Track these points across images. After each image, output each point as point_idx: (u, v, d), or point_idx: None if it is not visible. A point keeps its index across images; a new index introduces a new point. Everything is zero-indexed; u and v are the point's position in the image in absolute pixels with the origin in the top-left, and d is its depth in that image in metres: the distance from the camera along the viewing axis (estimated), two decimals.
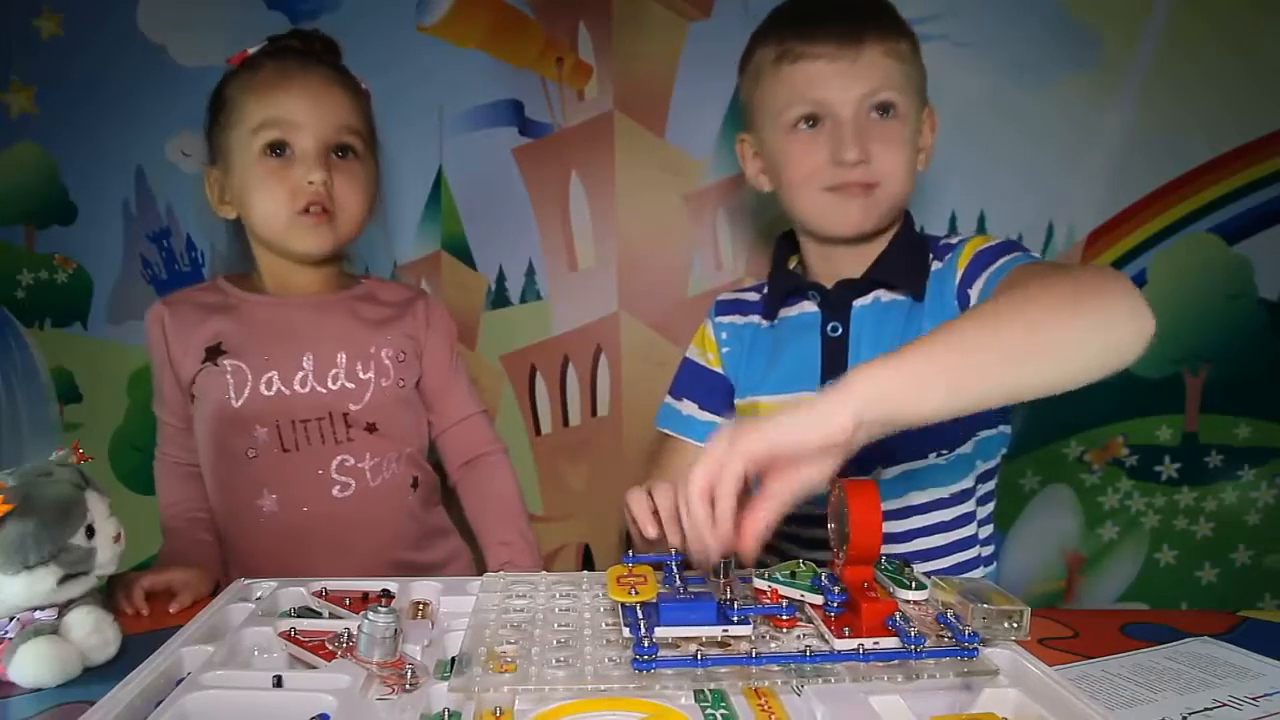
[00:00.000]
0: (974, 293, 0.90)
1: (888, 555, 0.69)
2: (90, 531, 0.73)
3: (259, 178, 1.00)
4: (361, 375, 1.04)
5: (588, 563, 1.51)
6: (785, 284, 1.05)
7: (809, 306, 1.03)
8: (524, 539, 1.11)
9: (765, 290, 1.09)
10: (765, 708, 0.58)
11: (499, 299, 1.45)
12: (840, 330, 0.99)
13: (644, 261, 1.44)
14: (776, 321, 1.05)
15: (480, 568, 1.15)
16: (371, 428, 1.03)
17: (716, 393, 1.10)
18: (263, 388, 1.00)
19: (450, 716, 0.56)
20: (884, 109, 0.95)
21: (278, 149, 0.99)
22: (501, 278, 1.46)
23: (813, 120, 0.96)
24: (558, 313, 1.46)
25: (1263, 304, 1.42)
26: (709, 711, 0.58)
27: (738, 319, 1.10)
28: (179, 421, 1.09)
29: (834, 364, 0.98)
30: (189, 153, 1.44)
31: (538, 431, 1.48)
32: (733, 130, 1.41)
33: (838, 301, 1.00)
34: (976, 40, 1.37)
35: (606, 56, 1.41)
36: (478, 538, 1.14)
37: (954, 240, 0.99)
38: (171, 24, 1.41)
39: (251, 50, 1.05)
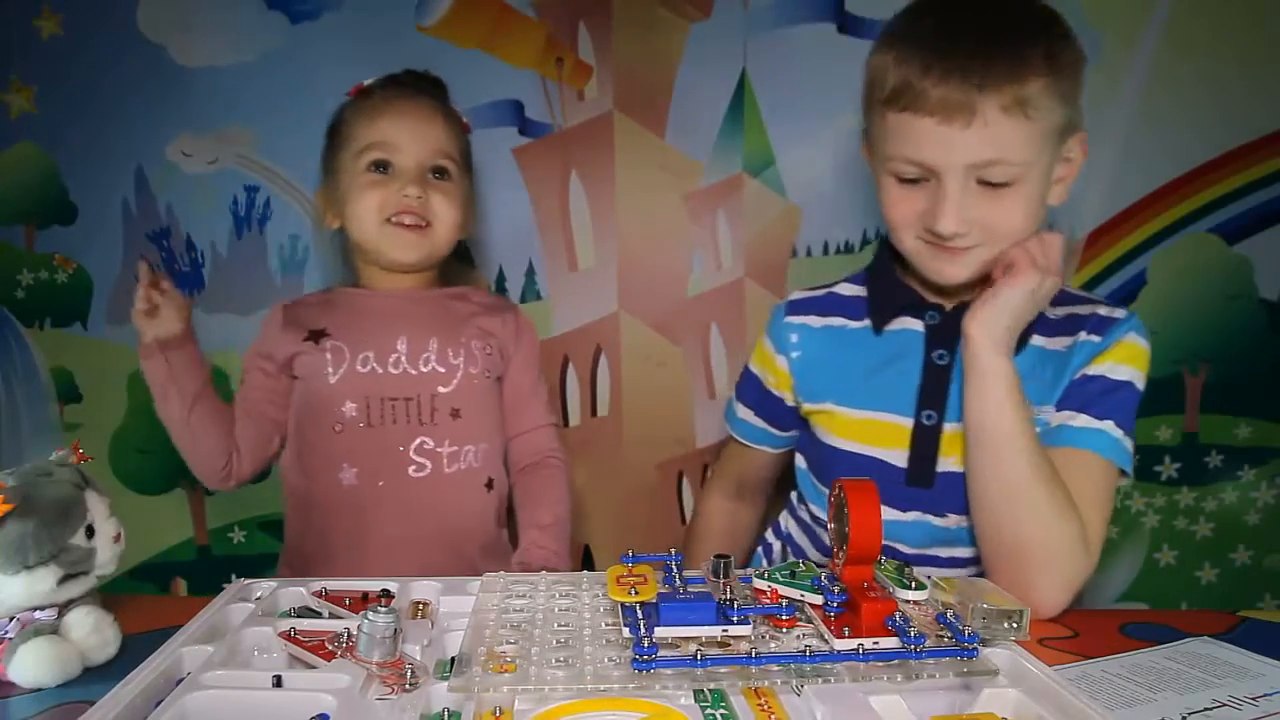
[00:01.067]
0: (1056, 413, 0.91)
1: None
2: (90, 531, 0.73)
3: (361, 189, 1.08)
4: (452, 360, 1.09)
5: (588, 563, 1.51)
6: (899, 298, 0.98)
7: (914, 324, 0.97)
8: (559, 530, 1.12)
9: (864, 290, 1.02)
10: (765, 708, 0.58)
11: None
12: (947, 359, 0.93)
13: (644, 261, 1.44)
14: (882, 332, 0.99)
15: None
16: (456, 414, 1.08)
17: (777, 414, 1.09)
18: (358, 365, 1.07)
19: (450, 716, 0.56)
20: (996, 180, 0.85)
21: (381, 167, 1.08)
22: (501, 278, 1.46)
23: (918, 175, 0.88)
24: (558, 313, 1.46)
25: (1263, 304, 1.42)
26: (709, 711, 0.58)
27: (815, 320, 1.04)
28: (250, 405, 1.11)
29: (935, 392, 0.94)
30: (190, 152, 1.44)
31: None
32: (733, 130, 1.41)
33: (951, 329, 0.92)
34: None
35: (606, 56, 1.41)
36: (519, 529, 1.14)
37: (1111, 314, 0.93)
38: (172, 24, 1.41)
39: (367, 83, 1.14)
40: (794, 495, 1.13)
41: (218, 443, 1.06)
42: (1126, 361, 0.91)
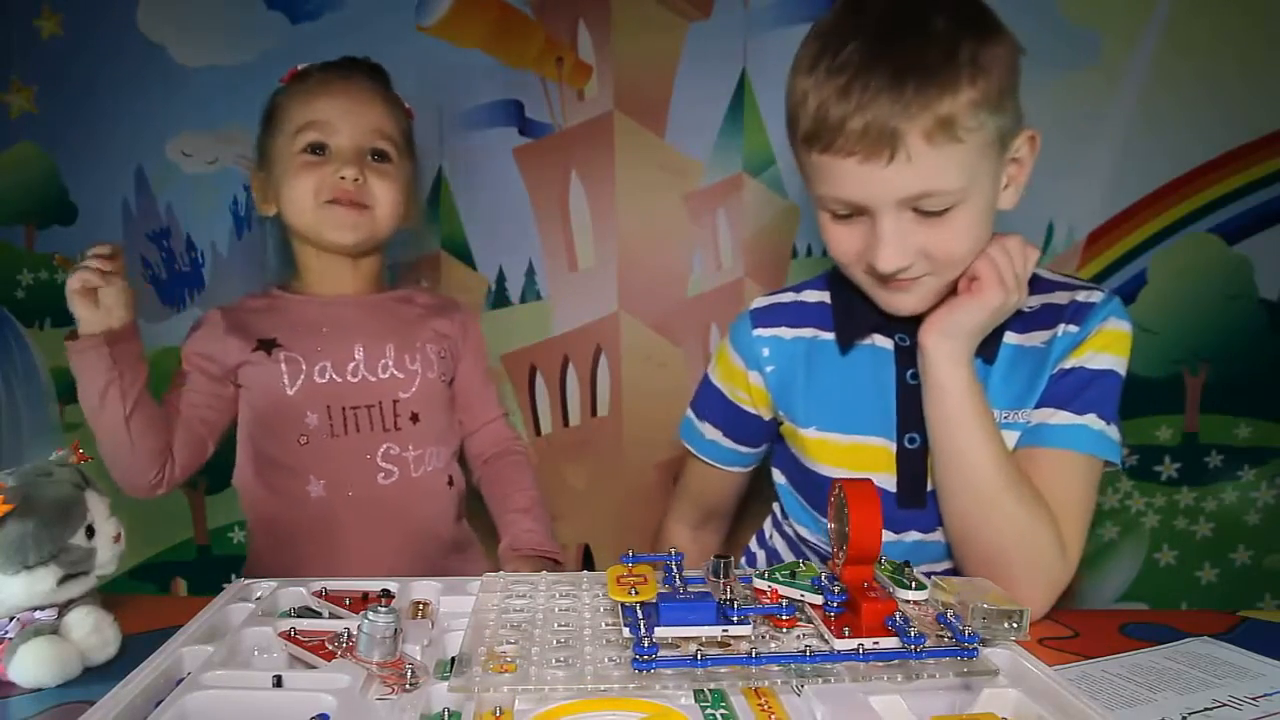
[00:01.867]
0: (1036, 414, 0.88)
1: None
2: (90, 531, 0.73)
3: (295, 171, 1.06)
4: (409, 365, 1.09)
5: (588, 563, 1.51)
6: (864, 321, 0.93)
7: (882, 342, 0.93)
8: (538, 511, 1.13)
9: (830, 298, 0.98)
10: (765, 708, 0.58)
11: (499, 299, 1.45)
12: (920, 379, 0.88)
13: (644, 261, 1.44)
14: (849, 351, 0.95)
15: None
16: (415, 418, 1.09)
17: (749, 429, 1.03)
18: (316, 376, 1.05)
19: (450, 716, 0.56)
20: (932, 210, 0.80)
21: (317, 149, 1.06)
22: (501, 278, 1.46)
23: (849, 211, 0.84)
24: (558, 313, 1.46)
25: (1263, 304, 1.42)
26: (709, 711, 0.58)
27: (786, 331, 0.98)
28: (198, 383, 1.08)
29: (911, 412, 0.89)
30: (190, 152, 1.44)
31: (538, 431, 1.48)
32: (733, 130, 1.41)
33: (915, 351, 0.88)
34: None
35: (606, 56, 1.41)
36: (495, 517, 1.16)
37: (1088, 299, 0.89)
38: (171, 24, 1.41)
39: (300, 67, 1.12)
40: (777, 508, 1.09)
41: (154, 447, 0.99)
42: (1106, 349, 0.87)
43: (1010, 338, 0.90)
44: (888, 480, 0.92)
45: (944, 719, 0.56)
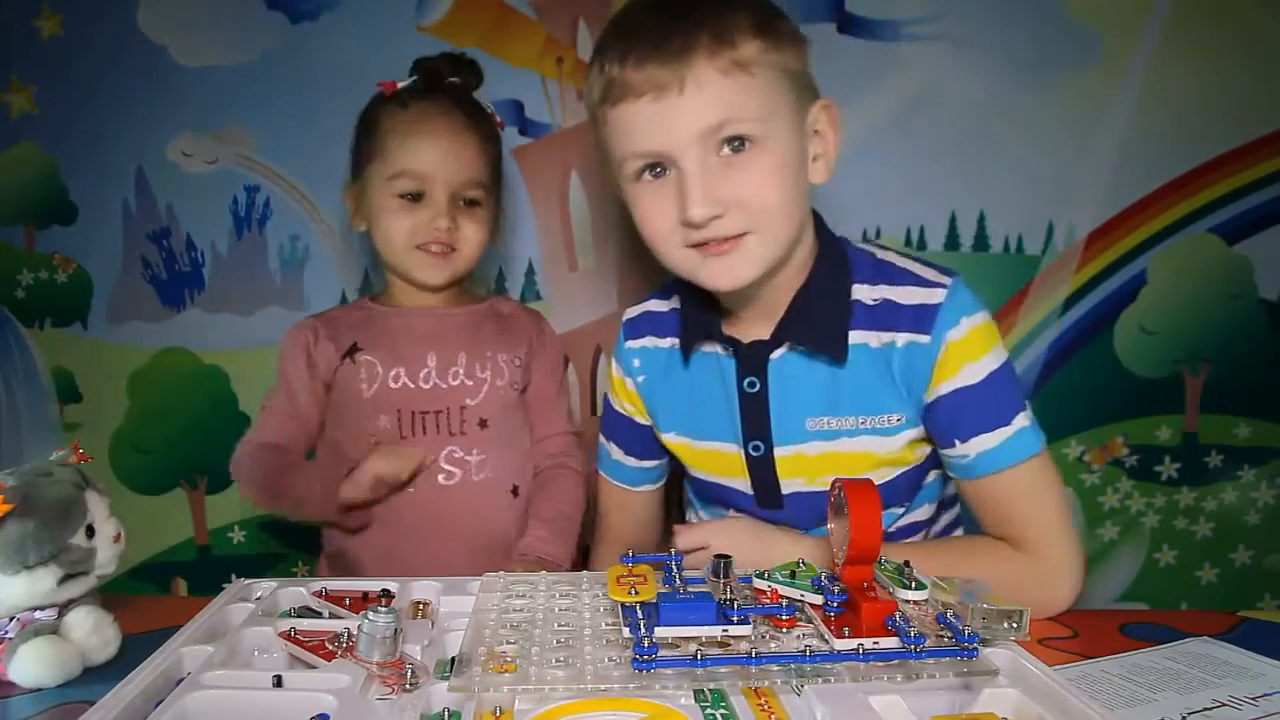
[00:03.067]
0: (945, 459, 0.88)
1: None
2: (90, 531, 0.73)
3: (391, 212, 1.09)
4: (479, 373, 1.12)
5: (588, 562, 1.51)
6: (699, 331, 0.93)
7: (720, 349, 0.93)
8: (560, 525, 1.13)
9: (679, 309, 0.98)
10: (765, 708, 0.58)
11: None
12: (758, 386, 0.89)
13: (644, 261, 1.44)
14: (689, 362, 0.96)
15: None
16: (484, 423, 1.11)
17: (639, 438, 1.04)
18: (390, 381, 1.10)
19: (450, 716, 0.56)
20: (735, 142, 0.79)
21: (413, 196, 1.08)
22: (501, 278, 1.46)
23: (657, 168, 0.82)
24: (557, 313, 1.45)
25: (1263, 304, 1.42)
26: (709, 711, 0.58)
27: (652, 341, 1.00)
28: (301, 411, 1.12)
29: (756, 419, 0.90)
30: (190, 152, 1.44)
31: None
32: None
33: (753, 355, 0.89)
34: (976, 40, 1.37)
35: None
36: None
37: (927, 300, 0.84)
38: (172, 24, 1.41)
39: (401, 84, 1.11)
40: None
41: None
42: (976, 354, 0.83)
43: (856, 336, 0.86)
44: (744, 483, 0.94)
45: (944, 719, 0.56)
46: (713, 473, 0.97)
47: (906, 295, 0.85)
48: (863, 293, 0.87)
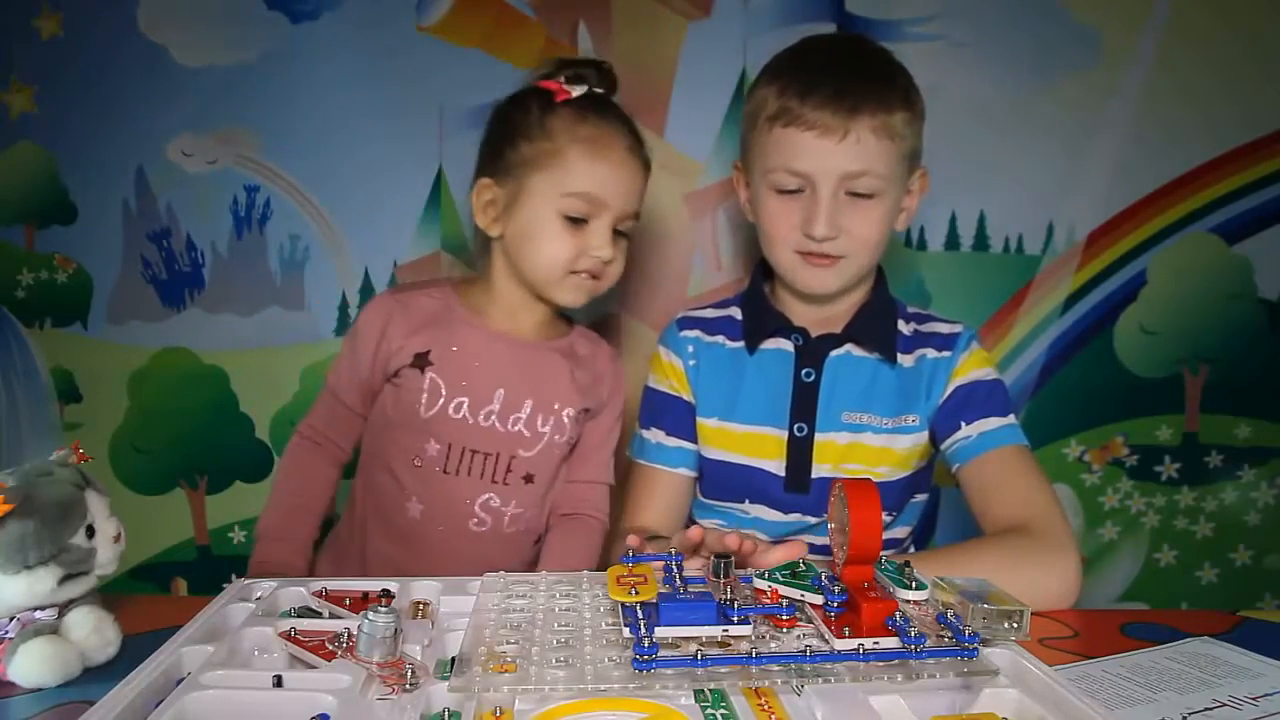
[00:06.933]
0: (948, 446, 1.04)
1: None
2: (90, 531, 0.73)
3: (555, 233, 1.03)
4: (539, 428, 1.08)
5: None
6: (769, 322, 1.10)
7: (784, 344, 1.09)
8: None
9: (739, 314, 1.13)
10: (765, 708, 0.58)
11: None
12: (814, 376, 1.06)
13: (644, 261, 1.44)
14: (753, 353, 1.10)
15: None
16: (529, 479, 1.08)
17: (682, 419, 1.12)
18: (451, 410, 1.05)
19: (450, 716, 0.56)
20: (863, 191, 0.99)
21: (579, 220, 1.03)
22: None
23: (796, 184, 1.00)
24: None
25: (1263, 304, 1.42)
26: (709, 711, 0.58)
27: (703, 335, 1.13)
28: (358, 407, 1.09)
29: (804, 406, 1.06)
30: (190, 152, 1.44)
31: None
32: (733, 130, 1.41)
33: (816, 349, 1.07)
34: (976, 40, 1.37)
35: (606, 55, 1.40)
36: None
37: (951, 331, 1.07)
38: (172, 24, 1.41)
39: (575, 93, 1.05)
40: None
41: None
42: (983, 364, 1.06)
43: (900, 358, 1.06)
44: (778, 466, 1.07)
45: (944, 719, 0.56)
46: (748, 455, 1.08)
47: (934, 328, 1.09)
48: (902, 326, 1.09)
